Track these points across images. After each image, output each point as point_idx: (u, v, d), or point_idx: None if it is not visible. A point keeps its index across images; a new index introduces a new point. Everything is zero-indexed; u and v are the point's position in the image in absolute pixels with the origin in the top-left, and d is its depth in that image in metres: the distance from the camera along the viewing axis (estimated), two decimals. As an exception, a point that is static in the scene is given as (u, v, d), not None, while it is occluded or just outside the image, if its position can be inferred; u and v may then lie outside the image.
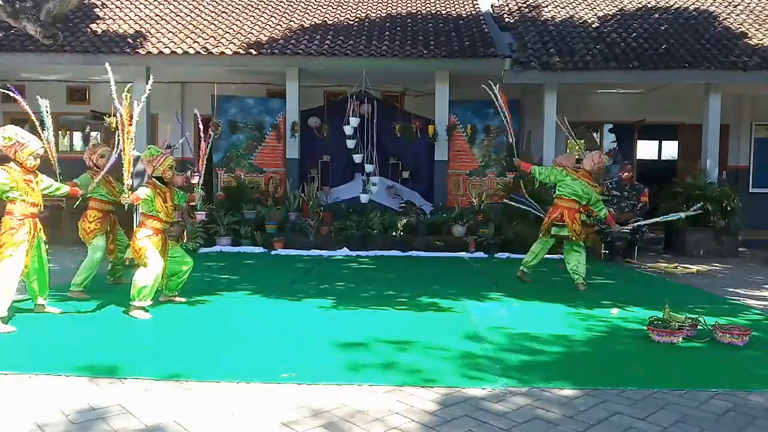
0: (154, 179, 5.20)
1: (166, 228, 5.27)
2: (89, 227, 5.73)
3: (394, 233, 9.85)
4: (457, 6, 13.87)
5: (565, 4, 13.71)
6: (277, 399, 3.09)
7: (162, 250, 5.15)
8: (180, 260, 5.37)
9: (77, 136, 13.67)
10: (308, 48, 10.78)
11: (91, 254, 5.72)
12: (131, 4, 12.95)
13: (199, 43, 10.96)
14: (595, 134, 13.75)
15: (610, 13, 13.25)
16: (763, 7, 13.33)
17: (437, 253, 9.58)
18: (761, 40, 11.48)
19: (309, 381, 3.34)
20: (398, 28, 12.07)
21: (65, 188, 5.05)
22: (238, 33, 11.53)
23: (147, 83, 5.36)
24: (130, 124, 4.77)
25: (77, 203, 5.75)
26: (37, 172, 4.73)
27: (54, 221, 9.03)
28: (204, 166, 5.76)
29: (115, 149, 5.04)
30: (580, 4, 13.79)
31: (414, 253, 9.57)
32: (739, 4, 13.58)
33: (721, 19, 12.67)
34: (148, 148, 5.35)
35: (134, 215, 8.95)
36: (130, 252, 5.39)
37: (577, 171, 6.52)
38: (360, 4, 13.98)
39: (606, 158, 6.71)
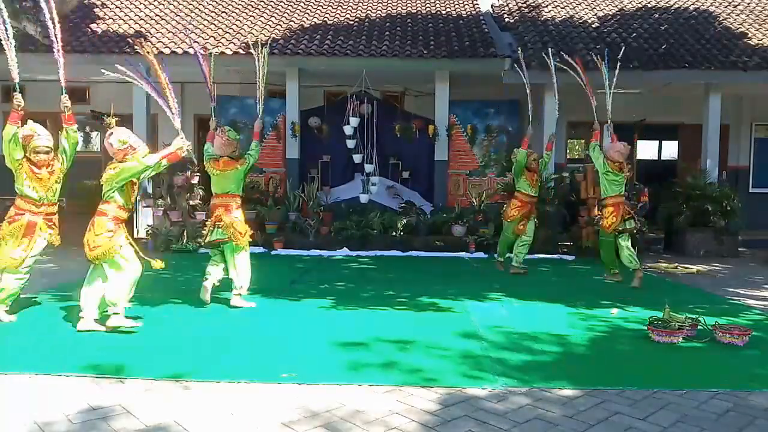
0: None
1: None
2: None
3: (394, 233, 9.84)
4: (457, 6, 13.87)
5: (565, 4, 13.70)
6: (277, 399, 3.09)
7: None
8: None
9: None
10: (308, 48, 10.77)
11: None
12: (131, 4, 12.95)
13: (199, 43, 10.95)
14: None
15: (610, 13, 13.24)
16: (763, 7, 13.33)
17: (437, 253, 9.57)
18: (761, 40, 11.47)
19: (309, 381, 3.35)
20: (398, 28, 12.07)
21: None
22: (238, 33, 11.52)
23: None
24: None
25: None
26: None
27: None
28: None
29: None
30: (580, 4, 13.78)
31: (414, 253, 9.56)
32: (739, 4, 13.57)
33: (721, 19, 12.66)
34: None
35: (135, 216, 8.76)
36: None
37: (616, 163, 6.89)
38: (360, 4, 13.98)
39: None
